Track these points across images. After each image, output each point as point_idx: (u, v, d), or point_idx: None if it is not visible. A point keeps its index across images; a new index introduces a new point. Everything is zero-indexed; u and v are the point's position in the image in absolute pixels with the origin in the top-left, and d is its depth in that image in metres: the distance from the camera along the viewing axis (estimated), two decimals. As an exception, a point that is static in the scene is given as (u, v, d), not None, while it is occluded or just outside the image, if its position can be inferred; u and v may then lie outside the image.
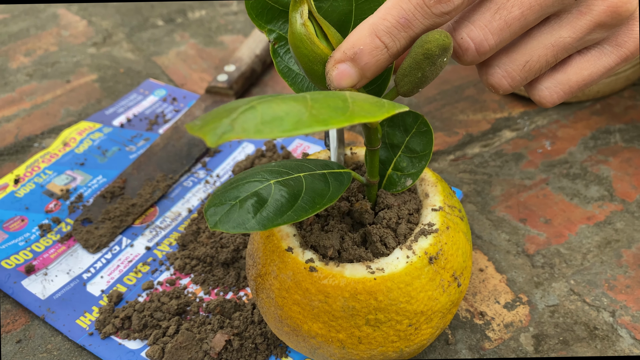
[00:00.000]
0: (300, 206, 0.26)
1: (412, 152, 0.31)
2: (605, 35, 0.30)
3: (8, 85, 0.64)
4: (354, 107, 0.20)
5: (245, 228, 0.25)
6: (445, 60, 0.26)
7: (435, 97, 0.59)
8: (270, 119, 0.19)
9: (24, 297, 0.41)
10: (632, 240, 0.44)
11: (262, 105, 0.19)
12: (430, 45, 0.25)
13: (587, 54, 0.31)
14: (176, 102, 0.59)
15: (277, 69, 0.30)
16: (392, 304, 0.29)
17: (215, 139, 0.18)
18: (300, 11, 0.26)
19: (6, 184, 0.51)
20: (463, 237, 0.32)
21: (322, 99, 0.21)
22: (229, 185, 0.27)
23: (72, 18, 0.76)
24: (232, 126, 0.18)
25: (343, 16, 0.28)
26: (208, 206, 0.26)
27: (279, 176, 0.27)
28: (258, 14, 0.29)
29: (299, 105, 0.20)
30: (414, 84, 0.26)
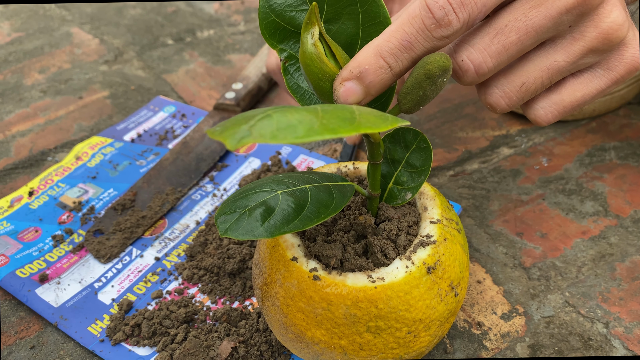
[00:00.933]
0: (305, 215, 0.28)
1: (412, 167, 0.33)
2: (597, 59, 0.32)
3: (23, 101, 0.66)
4: (361, 119, 0.22)
5: (254, 235, 0.27)
6: (445, 81, 0.28)
7: (436, 114, 0.61)
8: (284, 126, 0.20)
9: (37, 305, 0.43)
10: (626, 254, 0.45)
11: (277, 114, 0.21)
12: (432, 66, 0.27)
13: (580, 76, 0.33)
14: (185, 118, 0.61)
15: (287, 86, 0.32)
16: (392, 312, 0.30)
17: (235, 143, 0.19)
18: (311, 32, 0.28)
19: (21, 196, 0.53)
20: (460, 248, 0.33)
21: (331, 110, 0.23)
22: (238, 195, 0.29)
23: (84, 36, 0.79)
24: (250, 131, 0.20)
25: (350, 38, 0.30)
26: (218, 214, 0.28)
27: (286, 187, 0.29)
28: (271, 34, 0.31)
29: (310, 115, 0.21)
30: (415, 102, 0.28)
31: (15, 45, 0.77)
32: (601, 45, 0.31)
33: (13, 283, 0.44)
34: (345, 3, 0.29)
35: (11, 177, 0.56)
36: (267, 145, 0.57)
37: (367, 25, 0.30)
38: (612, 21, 0.30)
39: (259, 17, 0.30)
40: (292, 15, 0.30)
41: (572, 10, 0.29)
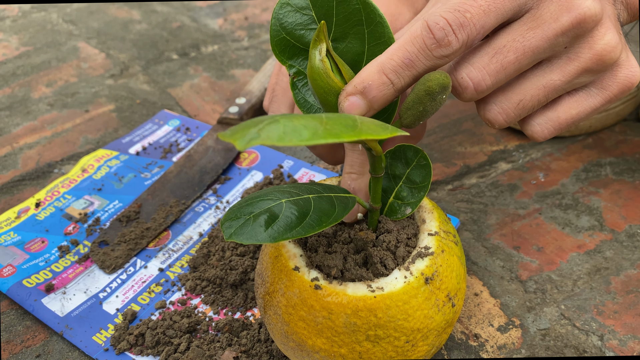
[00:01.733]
0: (308, 223, 0.29)
1: (412, 183, 0.34)
2: (592, 79, 0.33)
3: (30, 114, 0.68)
4: (362, 126, 0.24)
5: (257, 240, 0.28)
6: (444, 97, 0.29)
7: (435, 129, 0.62)
8: (291, 130, 0.22)
9: (43, 314, 0.44)
10: (621, 268, 0.46)
11: (285, 119, 0.22)
12: (432, 83, 0.29)
13: (575, 95, 0.34)
14: (189, 131, 0.63)
15: (294, 100, 0.33)
16: (391, 321, 0.31)
17: (244, 144, 0.21)
18: (319, 49, 0.29)
19: (28, 207, 0.54)
20: (457, 260, 0.34)
21: (335, 118, 0.24)
22: (244, 202, 0.30)
23: (91, 51, 0.80)
24: (258, 134, 0.21)
25: (356, 56, 0.32)
26: (224, 220, 0.29)
27: (290, 196, 0.30)
28: (281, 50, 0.32)
29: (315, 121, 0.23)
30: (415, 117, 0.30)
31: (23, 59, 0.79)
32: (595, 65, 0.32)
33: (20, 292, 0.45)
34: (352, 24, 0.31)
35: (18, 189, 0.57)
36: (270, 159, 0.58)
37: (372, 45, 0.31)
38: (605, 43, 0.31)
39: (271, 35, 0.32)
40: (302, 34, 0.31)
41: (568, 33, 0.30)
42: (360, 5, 0.30)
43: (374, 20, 0.30)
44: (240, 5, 0.92)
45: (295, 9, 0.31)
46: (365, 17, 0.30)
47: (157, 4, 0.94)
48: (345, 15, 0.30)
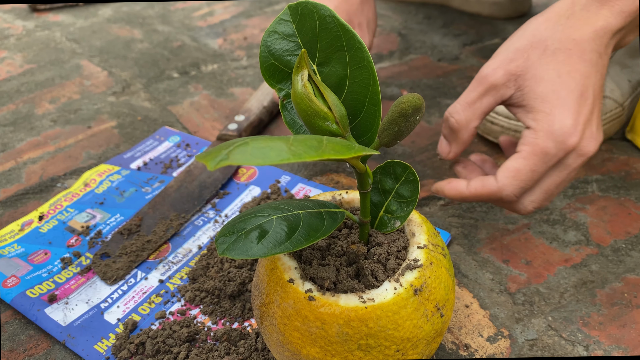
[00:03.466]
0: (296, 238, 0.30)
1: (401, 198, 0.36)
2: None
3: (34, 130, 0.69)
4: (326, 147, 0.25)
5: (248, 255, 0.29)
6: (417, 118, 0.31)
7: (427, 147, 0.64)
8: (258, 152, 0.23)
9: (46, 324, 0.45)
10: (606, 281, 0.48)
11: (254, 142, 0.24)
12: (405, 105, 0.30)
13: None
14: (189, 147, 0.65)
15: (284, 121, 0.35)
16: (382, 331, 0.33)
17: (214, 164, 0.22)
18: (301, 75, 0.31)
19: (31, 220, 0.55)
20: (445, 272, 0.36)
21: (302, 139, 0.26)
22: (238, 219, 0.32)
23: (94, 69, 0.83)
24: (227, 156, 0.23)
25: (339, 79, 0.33)
26: (219, 236, 0.31)
27: (281, 212, 0.32)
28: (271, 75, 0.34)
29: (282, 143, 0.24)
30: (392, 137, 0.31)
31: (27, 76, 0.81)
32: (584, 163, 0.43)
33: (23, 303, 0.46)
34: (335, 49, 0.32)
35: (22, 202, 0.59)
36: (267, 174, 0.60)
37: (353, 68, 0.33)
38: (591, 150, 0.42)
39: (260, 61, 0.33)
40: (289, 59, 0.33)
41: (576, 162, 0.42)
42: (341, 32, 0.32)
43: (353, 45, 0.32)
44: (240, 25, 0.94)
45: (282, 37, 0.33)
46: (346, 43, 0.32)
47: (158, 24, 0.96)
48: (328, 42, 0.32)
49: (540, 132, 0.41)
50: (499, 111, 0.63)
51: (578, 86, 0.41)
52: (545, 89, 0.41)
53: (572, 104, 0.40)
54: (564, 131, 0.40)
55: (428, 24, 0.93)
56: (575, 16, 0.42)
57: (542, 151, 0.41)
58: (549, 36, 0.42)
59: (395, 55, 0.84)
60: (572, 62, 0.41)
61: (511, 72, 0.42)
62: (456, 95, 0.74)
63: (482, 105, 0.43)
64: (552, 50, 0.41)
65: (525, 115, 0.42)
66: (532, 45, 0.42)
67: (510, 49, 0.43)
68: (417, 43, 0.87)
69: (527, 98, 0.42)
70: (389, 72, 0.80)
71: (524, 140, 0.42)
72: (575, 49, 0.41)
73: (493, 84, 0.42)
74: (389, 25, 0.93)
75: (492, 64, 0.43)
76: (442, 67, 0.81)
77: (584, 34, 0.41)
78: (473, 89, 0.43)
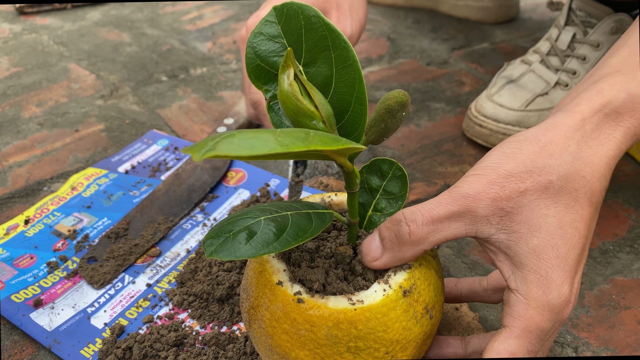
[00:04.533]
0: (285, 239, 0.30)
1: (389, 195, 0.36)
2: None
3: (20, 133, 0.69)
4: (313, 138, 0.25)
5: (236, 256, 0.29)
6: (404, 115, 0.31)
7: (417, 150, 0.64)
8: (244, 143, 0.23)
9: (31, 329, 0.44)
10: (594, 283, 0.48)
11: (240, 134, 0.24)
12: (391, 101, 0.30)
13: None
14: (178, 151, 0.64)
15: (271, 122, 0.35)
16: (371, 333, 0.32)
17: (200, 155, 0.22)
18: (287, 73, 0.31)
19: (17, 224, 0.55)
20: (435, 274, 0.36)
21: (289, 131, 0.25)
22: (225, 221, 0.32)
23: (81, 72, 0.82)
24: (214, 147, 0.23)
25: (326, 79, 0.33)
26: (206, 238, 0.30)
27: (269, 214, 0.32)
28: (257, 76, 0.34)
29: (268, 134, 0.24)
30: (379, 134, 0.31)
31: (14, 79, 0.80)
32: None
33: (8, 307, 0.46)
34: (321, 49, 0.32)
35: (8, 206, 0.58)
36: (256, 178, 0.59)
37: (339, 68, 0.33)
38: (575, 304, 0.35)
39: (246, 62, 0.33)
40: (275, 60, 0.33)
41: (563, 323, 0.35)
42: (326, 32, 0.32)
43: (339, 45, 0.32)
44: (229, 29, 0.94)
45: (268, 38, 0.33)
46: (331, 43, 0.32)
47: (147, 27, 0.96)
48: (313, 42, 0.32)
49: (533, 301, 0.32)
50: (487, 114, 0.63)
51: (581, 239, 0.33)
52: (542, 244, 0.32)
53: (571, 265, 0.32)
54: (561, 300, 0.32)
55: (417, 29, 0.93)
56: (586, 142, 0.33)
57: (538, 327, 0.32)
58: (553, 168, 0.32)
59: (384, 59, 0.84)
60: (577, 208, 0.33)
61: (499, 206, 0.32)
62: (445, 99, 0.74)
63: (448, 229, 0.33)
64: (557, 189, 0.32)
65: (509, 268, 0.33)
66: (530, 174, 0.32)
67: (501, 170, 0.33)
68: (406, 47, 0.88)
69: (515, 248, 0.33)
70: (378, 76, 0.80)
71: (513, 312, 0.33)
72: (583, 189, 0.33)
73: (472, 211, 0.32)
74: (378, 30, 0.93)
75: (476, 183, 0.33)
76: (431, 71, 0.81)
77: (596, 169, 0.33)
78: (444, 203, 0.33)
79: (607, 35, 0.62)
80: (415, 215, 0.33)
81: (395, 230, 0.33)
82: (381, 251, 0.34)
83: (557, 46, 0.65)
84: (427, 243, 0.33)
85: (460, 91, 0.76)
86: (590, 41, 0.63)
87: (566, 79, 0.63)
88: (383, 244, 0.34)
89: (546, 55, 0.65)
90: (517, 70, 0.66)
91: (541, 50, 0.66)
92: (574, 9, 0.65)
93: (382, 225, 0.34)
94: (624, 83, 0.34)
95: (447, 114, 0.71)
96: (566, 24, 0.65)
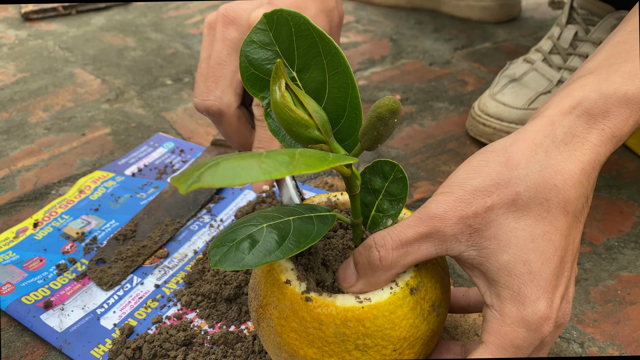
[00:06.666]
0: (286, 246, 0.31)
1: (391, 196, 0.36)
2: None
3: (28, 138, 0.69)
4: (298, 162, 0.25)
5: (239, 266, 0.30)
6: (395, 121, 0.31)
7: (421, 149, 0.65)
8: (228, 172, 0.24)
9: (42, 330, 0.45)
10: (599, 279, 0.48)
11: (225, 162, 0.24)
12: (382, 109, 0.30)
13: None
14: (184, 153, 0.65)
15: (269, 129, 0.35)
16: (378, 330, 0.33)
17: (186, 188, 0.23)
18: (278, 84, 0.31)
19: (26, 227, 0.55)
20: (441, 271, 0.36)
21: (273, 155, 0.26)
22: (229, 229, 0.32)
23: (87, 77, 0.83)
24: (199, 178, 0.23)
25: (319, 85, 0.34)
26: (211, 248, 0.31)
27: (272, 220, 0.32)
28: (252, 84, 0.34)
29: (253, 160, 0.25)
30: (372, 141, 0.31)
31: (21, 85, 0.81)
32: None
33: (19, 309, 0.46)
34: (312, 55, 0.33)
35: (16, 210, 0.58)
36: (262, 179, 0.60)
37: (332, 74, 0.33)
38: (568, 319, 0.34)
39: (240, 71, 0.34)
40: (269, 68, 0.33)
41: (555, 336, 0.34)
42: (317, 38, 0.32)
43: (330, 51, 0.32)
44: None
45: (260, 46, 0.33)
46: (322, 49, 0.32)
47: (151, 31, 0.96)
48: (305, 48, 0.33)
49: (507, 318, 0.31)
50: (490, 112, 0.63)
51: (557, 252, 0.31)
52: (513, 259, 0.31)
53: (547, 279, 0.31)
54: (538, 317, 0.31)
55: (419, 29, 0.94)
56: (557, 148, 0.32)
57: (513, 344, 0.32)
58: (520, 179, 0.31)
59: (387, 60, 0.85)
60: (550, 219, 0.31)
61: (467, 224, 0.31)
62: (448, 98, 0.75)
63: (417, 251, 0.32)
64: (525, 201, 0.31)
65: (484, 284, 0.33)
66: (497, 187, 0.31)
67: (467, 186, 0.32)
68: (409, 48, 0.88)
69: (486, 265, 0.32)
70: (382, 77, 0.80)
71: (489, 328, 0.32)
72: (556, 199, 0.31)
73: (439, 231, 0.32)
74: (381, 31, 0.93)
75: (443, 202, 0.32)
76: (434, 71, 0.81)
77: (568, 176, 0.31)
78: (412, 225, 0.32)
79: (609, 33, 0.63)
80: (385, 240, 0.32)
81: (367, 256, 0.33)
82: (356, 277, 0.34)
83: (560, 44, 0.65)
84: (399, 266, 0.33)
85: (463, 91, 0.76)
86: (592, 39, 0.63)
87: (569, 77, 0.64)
88: (357, 269, 0.34)
89: (548, 53, 0.66)
90: (520, 69, 0.67)
91: (543, 48, 0.66)
92: (576, 7, 0.65)
93: (356, 251, 0.34)
94: (596, 84, 0.32)
95: (451, 114, 0.71)
96: (568, 23, 0.65)
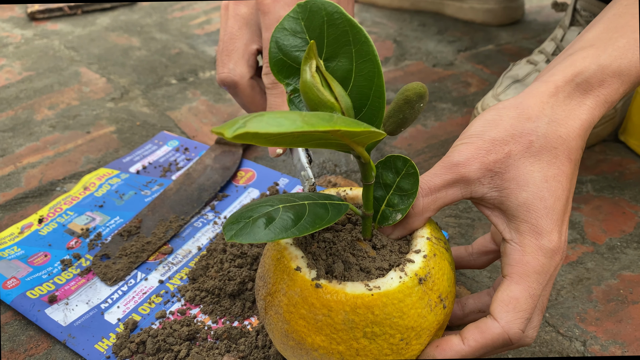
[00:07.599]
0: (302, 225, 0.31)
1: (402, 191, 0.37)
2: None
3: (33, 135, 0.70)
4: (337, 120, 0.26)
5: (256, 239, 0.30)
6: (422, 106, 0.32)
7: (424, 149, 0.65)
8: (273, 121, 0.24)
9: (47, 324, 0.45)
10: (601, 278, 0.48)
11: (269, 114, 0.25)
12: (410, 92, 0.31)
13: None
14: (188, 151, 0.65)
15: None
16: (387, 318, 0.33)
17: (232, 132, 0.23)
18: (309, 65, 0.32)
19: (31, 223, 0.55)
20: (448, 265, 0.37)
21: (314, 113, 0.27)
22: (244, 208, 0.32)
23: (92, 76, 0.83)
24: (245, 124, 0.23)
25: (346, 73, 0.34)
26: (226, 224, 0.31)
27: (287, 202, 0.33)
28: (279, 70, 0.35)
29: (295, 115, 0.25)
30: (396, 124, 0.32)
31: (26, 83, 0.81)
32: None
33: (23, 303, 0.46)
34: (342, 44, 0.33)
35: (22, 206, 0.59)
36: (266, 177, 0.60)
37: (359, 62, 0.34)
38: (566, 251, 0.37)
39: (269, 56, 0.34)
40: (297, 55, 0.34)
41: (558, 269, 0.37)
42: (348, 27, 0.33)
43: (360, 40, 0.33)
44: (237, 33, 0.95)
45: (291, 33, 0.34)
46: (352, 38, 0.33)
47: (156, 32, 0.97)
48: (335, 37, 0.33)
49: (527, 247, 0.35)
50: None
51: (565, 192, 0.36)
52: (531, 196, 0.35)
53: (558, 214, 0.36)
54: (552, 246, 0.35)
55: (423, 31, 0.94)
56: (559, 106, 0.37)
57: (535, 271, 0.35)
58: (532, 130, 0.36)
59: (391, 62, 0.85)
60: (559, 164, 0.36)
61: (488, 168, 0.36)
62: (451, 99, 0.75)
63: (445, 196, 0.37)
64: (537, 148, 0.36)
65: (502, 222, 0.37)
66: (512, 137, 0.36)
67: (486, 137, 0.36)
68: (413, 49, 0.88)
69: (507, 203, 0.36)
70: (385, 78, 0.80)
71: (510, 260, 0.36)
72: (562, 147, 0.36)
73: (464, 177, 0.36)
74: (385, 33, 0.94)
75: (465, 151, 0.36)
76: (437, 73, 0.82)
77: (571, 130, 0.36)
78: (439, 173, 0.36)
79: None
80: None
81: None
82: (392, 226, 0.38)
83: (563, 46, 0.66)
84: (430, 211, 0.37)
85: (466, 92, 0.77)
86: (595, 41, 0.64)
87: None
88: None
89: (552, 55, 0.66)
90: (523, 70, 0.67)
91: (547, 50, 0.67)
92: (579, 9, 0.66)
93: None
94: (595, 56, 0.37)
95: (454, 114, 0.72)
96: (571, 24, 0.66)
